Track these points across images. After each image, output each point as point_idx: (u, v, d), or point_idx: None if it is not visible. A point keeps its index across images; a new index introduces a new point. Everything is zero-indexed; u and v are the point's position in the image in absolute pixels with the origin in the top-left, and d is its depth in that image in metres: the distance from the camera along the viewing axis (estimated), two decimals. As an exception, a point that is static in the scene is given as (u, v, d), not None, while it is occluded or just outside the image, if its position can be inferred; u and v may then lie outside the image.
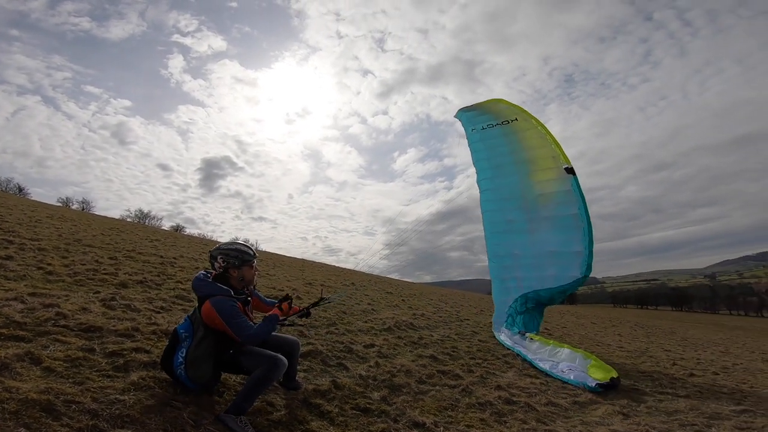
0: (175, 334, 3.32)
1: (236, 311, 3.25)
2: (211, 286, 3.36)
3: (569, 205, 7.79)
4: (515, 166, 8.74)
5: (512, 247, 8.97)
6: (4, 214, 11.36)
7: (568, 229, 7.82)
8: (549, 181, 8.13)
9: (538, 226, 8.38)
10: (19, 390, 2.63)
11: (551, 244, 8.12)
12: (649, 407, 5.48)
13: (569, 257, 7.79)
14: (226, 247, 3.53)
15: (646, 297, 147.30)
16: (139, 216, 52.40)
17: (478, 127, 9.40)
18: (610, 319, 27.70)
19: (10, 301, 4.32)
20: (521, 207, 8.69)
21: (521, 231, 8.68)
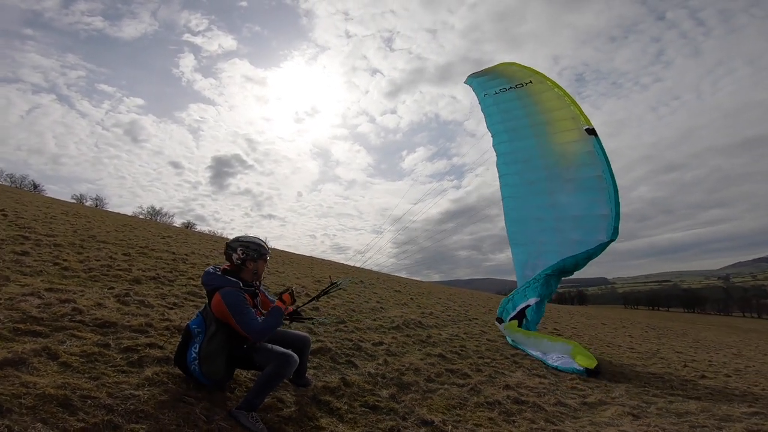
0: (187, 330, 3.37)
1: (244, 304, 3.27)
2: (220, 279, 3.40)
3: (592, 166, 7.44)
4: (532, 128, 8.38)
5: (532, 210, 8.61)
6: (20, 211, 11.61)
7: (591, 191, 7.45)
8: (570, 142, 7.76)
9: (559, 188, 8.00)
10: (37, 385, 2.69)
11: (574, 207, 7.75)
12: (660, 409, 5.44)
13: (594, 220, 7.43)
14: (246, 240, 3.59)
15: (658, 298, 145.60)
16: (151, 213, 53.19)
17: (490, 92, 9.08)
18: (620, 320, 27.41)
19: (27, 296, 4.42)
20: (541, 168, 8.33)
21: (542, 193, 8.32)
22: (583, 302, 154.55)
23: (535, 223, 8.62)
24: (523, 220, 8.92)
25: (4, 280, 4.91)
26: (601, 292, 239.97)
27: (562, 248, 7.94)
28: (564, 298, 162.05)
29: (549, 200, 8.17)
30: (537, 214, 8.51)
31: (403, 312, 9.75)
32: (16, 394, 2.55)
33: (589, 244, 7.48)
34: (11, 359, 2.95)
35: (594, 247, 7.47)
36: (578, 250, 7.65)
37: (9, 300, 4.17)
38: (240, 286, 3.40)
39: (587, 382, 6.54)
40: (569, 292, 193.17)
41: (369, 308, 9.43)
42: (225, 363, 3.34)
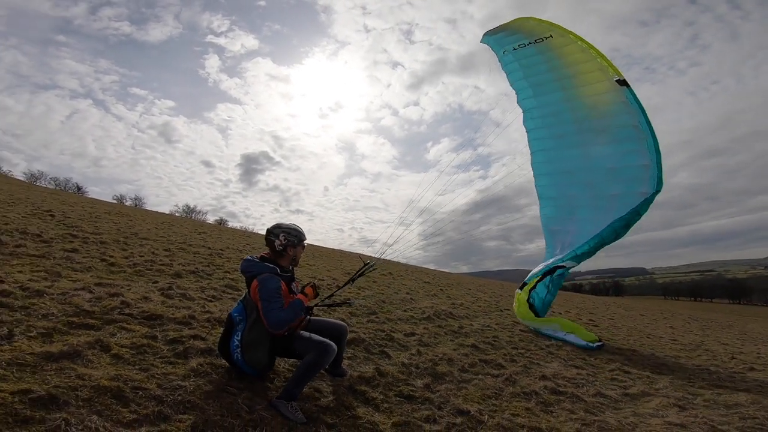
0: (229, 319, 3.45)
1: (276, 293, 3.30)
2: (259, 265, 3.47)
3: (628, 115, 6.98)
4: (558, 82, 7.95)
5: (563, 163, 8.14)
6: (67, 211, 12.31)
7: (628, 141, 6.98)
8: (600, 94, 7.32)
9: (591, 140, 7.54)
10: (91, 377, 2.85)
11: (609, 159, 7.26)
12: (707, 400, 5.23)
13: (633, 171, 6.92)
14: (287, 226, 3.66)
15: (701, 289, 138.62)
16: (186, 211, 55.23)
17: (509, 48, 8.62)
18: (661, 312, 26.35)
19: (79, 291, 4.69)
20: (570, 122, 7.87)
21: (573, 146, 7.86)
22: (619, 293, 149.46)
23: (565, 176, 8.10)
24: (552, 174, 8.40)
25: (56, 276, 5.24)
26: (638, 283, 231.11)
27: (596, 202, 7.42)
28: (598, 289, 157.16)
29: (581, 152, 7.68)
30: (568, 167, 8.00)
31: (433, 303, 9.73)
32: (73, 386, 2.70)
33: (631, 197, 6.92)
34: (67, 352, 3.14)
35: (639, 203, 6.84)
36: (618, 205, 7.05)
37: (62, 295, 4.43)
38: (277, 272, 3.46)
39: (628, 373, 6.35)
40: (604, 283, 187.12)
41: (399, 299, 9.47)
42: (267, 351, 3.40)
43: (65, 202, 15.80)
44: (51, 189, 33.46)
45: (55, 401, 2.49)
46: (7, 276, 4.69)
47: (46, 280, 4.91)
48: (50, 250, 6.52)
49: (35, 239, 7.19)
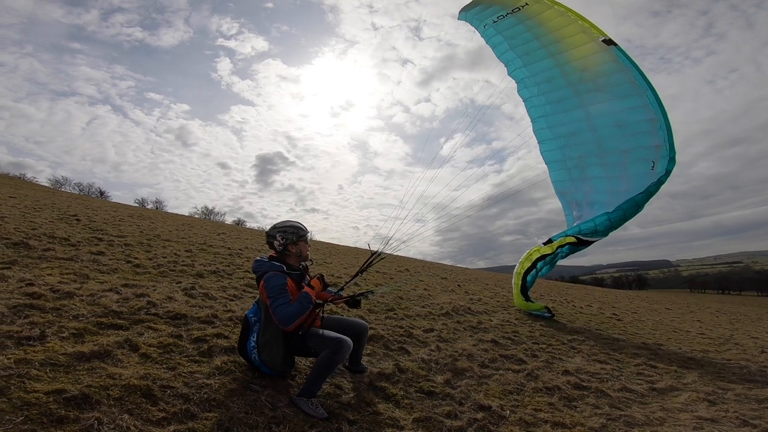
0: (245, 320, 3.53)
1: (281, 289, 3.31)
2: (267, 265, 3.50)
3: (621, 73, 6.83)
4: (545, 49, 7.76)
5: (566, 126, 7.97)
6: (91, 215, 12.68)
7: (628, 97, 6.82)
8: (589, 56, 7.15)
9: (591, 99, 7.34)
10: (122, 376, 2.94)
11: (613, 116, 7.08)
12: (738, 395, 5.09)
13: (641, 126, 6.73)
14: (282, 225, 3.68)
15: (728, 281, 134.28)
16: (205, 212, 56.25)
17: (488, 21, 8.42)
18: (687, 305, 25.62)
19: (107, 292, 4.84)
20: (565, 86, 7.69)
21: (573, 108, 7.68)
22: (642, 286, 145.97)
23: (570, 138, 7.86)
24: (556, 138, 8.20)
25: (84, 278, 5.41)
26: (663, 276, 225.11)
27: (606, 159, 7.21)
28: (621, 282, 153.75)
29: (582, 114, 7.48)
30: (571, 129, 7.79)
31: (451, 299, 9.69)
32: (104, 385, 2.78)
33: (642, 151, 6.73)
34: (98, 351, 3.25)
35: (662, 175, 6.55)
36: (630, 160, 6.86)
37: (91, 296, 4.57)
38: (284, 270, 3.46)
39: (655, 368, 6.22)
40: (626, 276, 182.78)
41: (417, 295, 9.46)
42: (283, 350, 3.43)
43: (89, 207, 16.29)
44: (75, 194, 34.51)
45: (87, 401, 2.58)
46: (38, 279, 4.86)
47: (75, 282, 5.07)
48: (77, 253, 6.74)
49: (63, 243, 7.44)
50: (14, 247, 6.39)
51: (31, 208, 11.89)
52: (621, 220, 7.17)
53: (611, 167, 7.23)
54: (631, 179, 6.90)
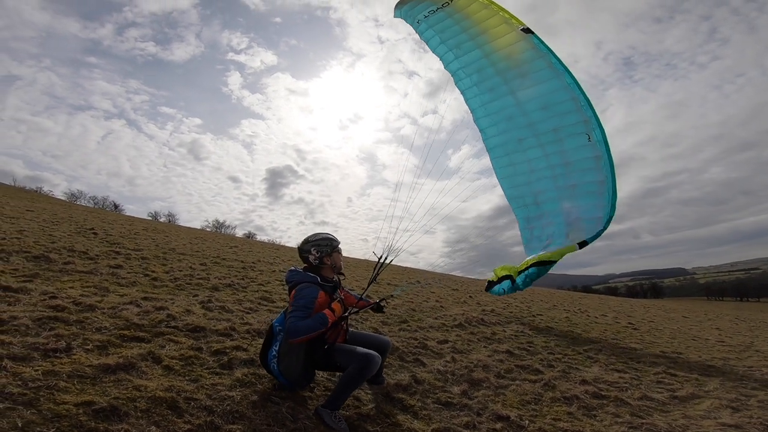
0: (270, 329, 3.52)
1: (307, 303, 3.30)
2: (300, 275, 3.53)
3: (540, 60, 6.88)
4: (473, 41, 7.90)
5: (501, 112, 7.93)
6: (108, 229, 12.92)
7: (548, 81, 6.85)
8: (512, 44, 7.25)
9: (519, 85, 7.35)
10: (147, 388, 2.98)
11: (539, 99, 7.13)
12: (761, 401, 5.00)
13: (564, 106, 6.74)
14: (315, 238, 3.71)
15: (746, 288, 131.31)
16: (216, 225, 56.83)
17: (420, 17, 8.56)
18: (705, 313, 25.10)
19: (127, 305, 4.93)
20: (494, 74, 7.73)
21: (504, 94, 7.67)
22: (658, 295, 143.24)
23: (507, 124, 7.91)
24: (495, 124, 8.27)
25: (104, 291, 5.52)
26: (679, 284, 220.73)
27: (540, 139, 7.21)
28: (635, 291, 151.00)
29: (513, 100, 7.58)
30: (506, 115, 7.83)
31: (464, 310, 9.64)
32: (131, 397, 2.83)
33: (569, 129, 6.72)
34: (123, 364, 3.31)
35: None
36: (561, 137, 6.84)
37: (112, 309, 4.67)
38: (317, 282, 3.49)
39: (675, 376, 6.12)
40: (641, 285, 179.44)
41: (429, 307, 9.44)
42: (302, 362, 3.37)
43: (105, 220, 16.60)
44: (90, 207, 35.22)
45: (116, 412, 2.64)
46: (60, 291, 4.98)
47: (96, 295, 5.18)
48: (97, 267, 6.88)
49: (82, 256, 7.60)
50: (35, 260, 6.55)
51: (49, 221, 12.18)
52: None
53: (547, 145, 7.31)
54: (568, 153, 6.93)
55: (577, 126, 6.74)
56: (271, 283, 8.64)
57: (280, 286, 8.49)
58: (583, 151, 6.64)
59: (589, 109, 6.60)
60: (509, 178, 8.34)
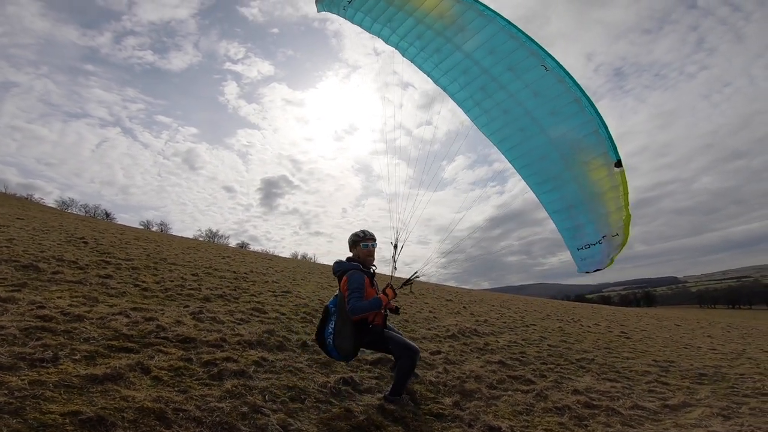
0: (326, 310, 4.08)
1: (360, 285, 3.92)
2: (345, 265, 4.19)
3: (470, 10, 6.70)
4: (402, 11, 7.74)
5: (457, 69, 7.66)
6: (98, 238, 12.80)
7: (485, 28, 6.69)
8: (438, 5, 7.03)
9: (461, 41, 7.22)
10: (135, 398, 2.95)
11: (482, 48, 6.93)
12: (752, 409, 5.04)
13: (508, 47, 6.66)
14: (355, 233, 4.40)
15: (738, 296, 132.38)
16: (209, 235, 56.31)
17: (344, 3, 8.57)
18: (697, 321, 25.26)
19: (116, 315, 4.87)
20: (437, 36, 7.65)
21: (454, 51, 7.47)
22: (650, 303, 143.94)
23: (466, 77, 7.70)
24: (455, 81, 8.06)
25: (93, 301, 5.46)
26: (671, 292, 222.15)
27: (505, 85, 7.11)
28: (628, 300, 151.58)
29: (462, 54, 7.38)
30: (462, 68, 7.59)
31: (457, 321, 9.64)
32: (119, 408, 2.80)
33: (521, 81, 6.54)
34: (110, 374, 3.27)
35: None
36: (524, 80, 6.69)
37: (101, 319, 4.62)
38: (361, 269, 4.11)
39: (666, 384, 6.15)
40: (634, 293, 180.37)
41: (422, 318, 9.43)
42: (352, 340, 3.89)
43: (96, 229, 16.43)
44: (82, 216, 34.84)
45: (103, 422, 2.60)
46: (48, 301, 4.92)
47: (84, 305, 5.12)
48: (86, 276, 6.80)
49: (71, 266, 7.52)
50: (24, 269, 6.47)
51: (39, 230, 12.05)
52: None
53: (509, 84, 6.99)
54: (533, 85, 6.57)
55: (528, 60, 6.52)
56: (264, 294, 8.58)
57: (273, 296, 8.44)
58: (545, 80, 6.44)
59: (533, 43, 6.44)
60: (488, 126, 7.99)
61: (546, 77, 6.55)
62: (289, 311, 7.18)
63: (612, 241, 5.52)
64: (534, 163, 6.93)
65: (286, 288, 10.03)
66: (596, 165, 5.31)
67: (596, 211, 5.47)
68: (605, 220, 5.44)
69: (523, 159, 7.20)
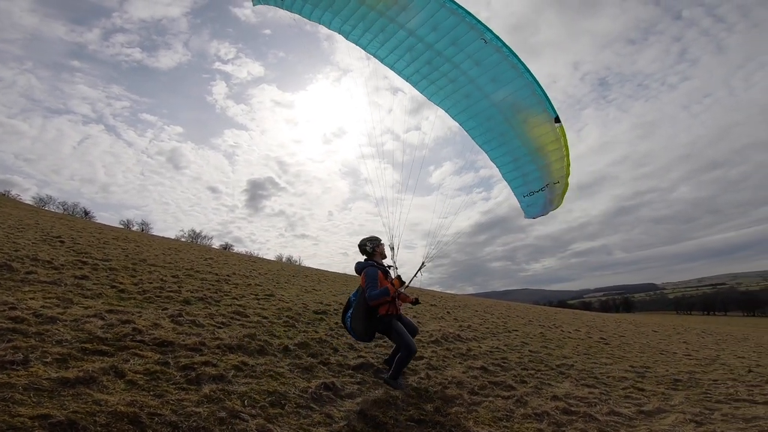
0: (348, 301, 5.03)
1: (374, 277, 4.78)
2: (363, 263, 5.08)
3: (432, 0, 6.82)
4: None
5: (404, 45, 7.36)
6: (76, 237, 12.47)
7: (427, 6, 6.76)
8: None
9: (404, 18, 7.18)
10: (108, 403, 2.88)
11: (427, 23, 6.46)
12: (725, 415, 5.16)
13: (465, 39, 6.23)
14: (367, 237, 5.29)
15: (713, 302, 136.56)
16: (192, 236, 55.34)
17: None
18: (674, 327, 25.89)
19: (91, 317, 4.74)
20: (380, 15, 7.52)
21: (398, 29, 7.27)
22: (629, 309, 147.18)
23: (412, 53, 7.60)
24: (400, 58, 7.95)
25: (68, 303, 5.31)
26: (649, 299, 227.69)
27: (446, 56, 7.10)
28: (608, 306, 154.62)
29: (405, 33, 7.29)
30: (407, 46, 7.36)
31: (440, 326, 9.67)
32: (90, 412, 2.74)
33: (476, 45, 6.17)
34: (83, 377, 3.19)
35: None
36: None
37: (75, 321, 4.49)
38: (376, 265, 4.98)
39: (642, 390, 6.27)
40: (614, 299, 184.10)
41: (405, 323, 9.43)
42: (364, 325, 4.76)
43: (73, 228, 16.00)
44: (59, 214, 33.84)
45: (74, 426, 2.53)
46: (20, 302, 4.76)
47: (58, 307, 4.98)
48: (61, 277, 6.61)
49: (46, 266, 7.30)
50: (-4, 270, 6.25)
51: (14, 227, 11.68)
52: None
53: (454, 57, 6.91)
54: (475, 56, 6.56)
55: (469, 34, 6.53)
56: (246, 297, 8.47)
57: (255, 300, 8.33)
58: (485, 51, 6.54)
59: (472, 18, 6.48)
60: (437, 95, 7.89)
61: (485, 48, 6.71)
62: (272, 315, 7.09)
63: (554, 189, 6.29)
64: (481, 124, 7.23)
65: (270, 291, 9.92)
66: (537, 122, 6.02)
67: (538, 162, 6.16)
68: (547, 170, 6.13)
69: (471, 122, 7.45)
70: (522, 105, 6.27)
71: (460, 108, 7.75)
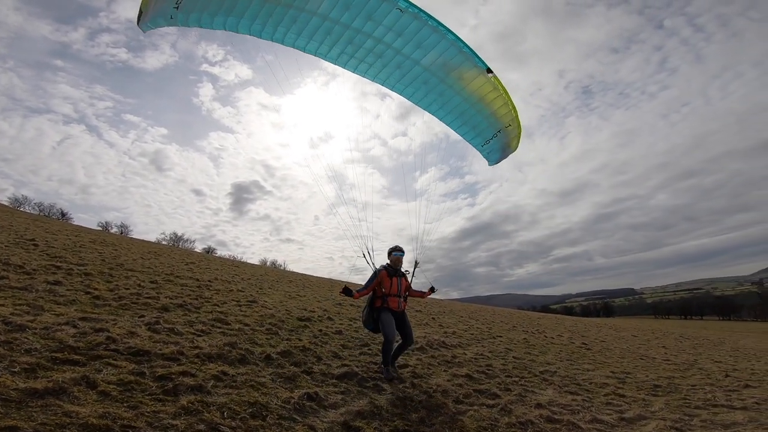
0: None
1: (372, 277, 5.53)
2: (381, 267, 5.65)
3: None
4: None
5: (319, 32, 6.99)
6: (50, 240, 12.05)
7: None
8: None
9: (314, 7, 6.49)
10: (79, 414, 2.75)
11: (343, 13, 6.45)
12: (704, 421, 5.24)
13: (380, 11, 6.21)
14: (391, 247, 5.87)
15: (690, 307, 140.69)
16: (174, 239, 54.23)
17: (170, 11, 6.79)
18: (652, 331, 26.43)
19: (63, 325, 4.55)
20: (291, 8, 7.17)
21: (309, 17, 6.71)
22: (609, 314, 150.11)
23: (330, 38, 6.90)
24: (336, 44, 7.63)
25: (39, 310, 5.08)
26: (629, 303, 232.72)
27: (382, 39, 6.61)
28: (589, 311, 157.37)
29: (319, 20, 6.84)
30: (323, 30, 6.90)
31: (425, 332, 9.64)
32: (60, 423, 2.62)
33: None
34: (52, 388, 3.04)
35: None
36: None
37: (45, 329, 4.30)
38: (385, 267, 5.63)
39: (623, 396, 6.33)
40: (594, 304, 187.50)
41: (391, 328, 9.36)
42: (368, 316, 5.60)
43: (49, 230, 15.48)
44: (35, 215, 32.73)
45: (40, 442, 2.39)
46: (-12, 311, 4.54)
47: (28, 314, 4.77)
48: (33, 283, 6.35)
49: (17, 270, 7.01)
50: (-38, 276, 5.96)
51: (-17, 232, 11.21)
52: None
53: (375, 31, 6.62)
54: (396, 27, 6.33)
55: (383, 6, 6.42)
56: (227, 303, 8.28)
57: (237, 306, 8.16)
58: (403, 21, 6.37)
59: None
60: (369, 72, 7.65)
61: (403, 18, 6.68)
62: (254, 322, 6.94)
63: (508, 132, 6.55)
64: (419, 89, 7.32)
65: (252, 297, 9.73)
66: (471, 76, 6.20)
67: (484, 113, 6.39)
68: (494, 117, 6.38)
69: (409, 89, 7.53)
70: (452, 64, 6.40)
71: (396, 79, 7.75)
